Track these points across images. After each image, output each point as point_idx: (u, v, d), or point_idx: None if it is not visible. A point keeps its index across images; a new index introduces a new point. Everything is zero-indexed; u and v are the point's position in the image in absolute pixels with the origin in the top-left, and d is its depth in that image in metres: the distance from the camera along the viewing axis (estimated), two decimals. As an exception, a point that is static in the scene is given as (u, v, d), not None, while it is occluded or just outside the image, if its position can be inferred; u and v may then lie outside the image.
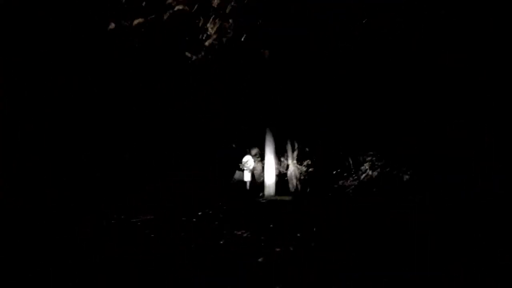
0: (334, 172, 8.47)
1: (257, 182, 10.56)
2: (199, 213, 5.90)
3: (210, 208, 6.34)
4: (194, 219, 5.45)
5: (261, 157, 10.74)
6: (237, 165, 10.51)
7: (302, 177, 10.08)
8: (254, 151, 10.82)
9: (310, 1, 7.34)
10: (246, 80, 9.62)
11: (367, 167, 7.12)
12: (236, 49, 8.78)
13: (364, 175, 7.09)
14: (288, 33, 8.19)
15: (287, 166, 10.00)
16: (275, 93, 8.79)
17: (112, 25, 8.12)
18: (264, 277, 2.84)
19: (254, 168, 10.49)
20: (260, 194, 8.64)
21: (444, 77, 6.43)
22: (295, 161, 9.95)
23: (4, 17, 7.92)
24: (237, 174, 11.10)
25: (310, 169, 10.17)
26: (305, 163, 10.15)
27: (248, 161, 9.86)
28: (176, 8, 7.82)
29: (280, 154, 10.06)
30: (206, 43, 8.62)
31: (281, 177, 9.86)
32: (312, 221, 5.09)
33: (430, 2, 6.20)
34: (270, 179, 8.37)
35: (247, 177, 9.71)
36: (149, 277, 2.85)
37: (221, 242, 3.99)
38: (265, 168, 8.62)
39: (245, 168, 9.80)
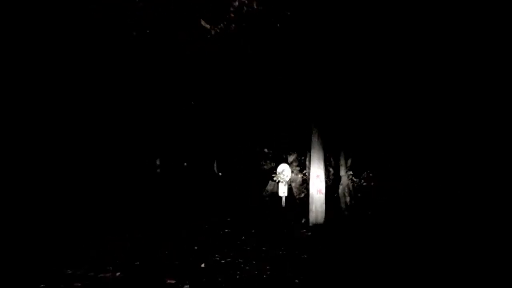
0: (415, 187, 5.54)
1: (296, 198, 7.94)
2: (202, 266, 3.34)
3: (223, 252, 3.75)
4: (186, 284, 2.89)
5: (300, 165, 8.12)
6: (270, 175, 8.03)
7: (358, 194, 7.35)
8: (292, 157, 8.22)
9: None
10: (286, 62, 6.94)
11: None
12: (270, 18, 6.24)
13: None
14: None
15: (338, 178, 7.27)
16: (325, 80, 6.05)
17: None
18: None
19: (291, 180, 7.93)
20: (303, 220, 5.92)
21: None
22: (349, 172, 7.19)
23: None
24: (270, 185, 8.63)
25: (372, 183, 7.34)
26: (363, 174, 7.44)
27: (284, 170, 7.29)
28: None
29: (327, 161, 7.31)
30: (231, 8, 6.15)
31: (329, 192, 7.11)
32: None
33: None
34: (317, 197, 5.62)
35: (282, 191, 7.13)
36: None
37: None
38: (310, 181, 5.87)
39: (280, 180, 7.22)
